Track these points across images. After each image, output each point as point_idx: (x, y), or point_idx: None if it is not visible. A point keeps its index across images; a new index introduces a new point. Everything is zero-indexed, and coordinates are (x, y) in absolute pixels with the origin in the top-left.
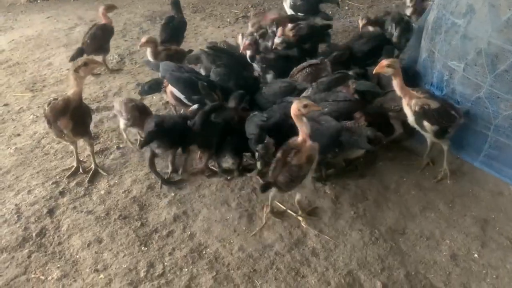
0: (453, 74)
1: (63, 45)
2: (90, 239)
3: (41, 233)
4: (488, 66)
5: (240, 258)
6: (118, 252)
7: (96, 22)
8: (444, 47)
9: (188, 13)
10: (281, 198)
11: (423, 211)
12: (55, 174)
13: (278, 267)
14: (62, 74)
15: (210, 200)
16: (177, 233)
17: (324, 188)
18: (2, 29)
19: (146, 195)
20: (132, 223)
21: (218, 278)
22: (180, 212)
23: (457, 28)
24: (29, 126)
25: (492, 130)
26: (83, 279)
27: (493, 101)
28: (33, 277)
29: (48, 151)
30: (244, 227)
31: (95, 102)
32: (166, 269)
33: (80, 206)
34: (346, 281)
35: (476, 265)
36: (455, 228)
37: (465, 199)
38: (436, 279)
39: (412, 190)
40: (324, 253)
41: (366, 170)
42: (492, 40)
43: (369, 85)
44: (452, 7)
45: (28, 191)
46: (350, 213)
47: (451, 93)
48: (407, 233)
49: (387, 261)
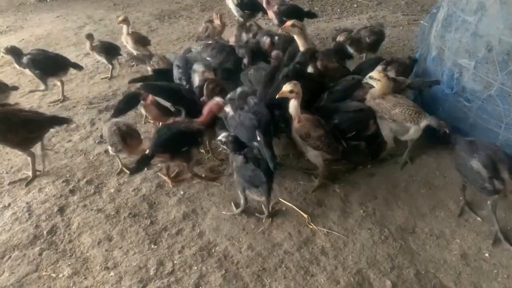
0: (464, 72)
1: (73, 44)
2: (100, 237)
3: (52, 231)
4: (499, 64)
5: (249, 257)
6: (128, 250)
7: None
8: (454, 44)
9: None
10: (289, 196)
11: (433, 210)
12: (65, 172)
13: (287, 265)
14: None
15: (219, 198)
16: (186, 231)
17: (333, 187)
18: (13, 29)
19: (155, 193)
20: (142, 221)
21: (227, 277)
22: (189, 210)
23: (467, 26)
24: None
25: (503, 128)
26: (94, 276)
27: (504, 99)
28: (44, 275)
29: (58, 150)
30: (253, 225)
31: (104, 100)
32: (175, 267)
33: (90, 204)
34: (356, 280)
35: (487, 265)
36: (466, 227)
37: (476, 198)
38: (446, 279)
39: (421, 189)
40: (333, 251)
41: (375, 169)
42: (503, 37)
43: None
44: (462, 4)
45: (39, 189)
46: (359, 212)
47: (462, 91)
48: (417, 232)
49: (397, 260)
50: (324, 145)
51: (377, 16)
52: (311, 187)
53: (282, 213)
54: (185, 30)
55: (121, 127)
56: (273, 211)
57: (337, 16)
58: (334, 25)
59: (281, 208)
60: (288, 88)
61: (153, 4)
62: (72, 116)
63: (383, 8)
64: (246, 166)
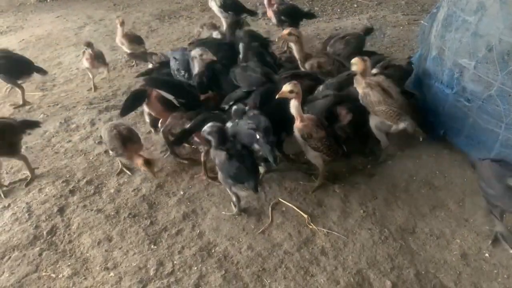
0: (464, 72)
1: (73, 44)
2: (100, 237)
3: (51, 231)
4: (500, 64)
5: (249, 257)
6: (128, 250)
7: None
8: (454, 44)
9: (197, 11)
10: (289, 196)
11: (433, 210)
12: (65, 172)
13: (287, 266)
14: (72, 73)
15: (219, 198)
16: (186, 231)
17: (333, 187)
18: (13, 29)
19: (155, 194)
20: (142, 222)
21: (227, 277)
22: (189, 210)
23: (467, 25)
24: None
25: (503, 128)
26: (93, 277)
27: (504, 99)
28: (44, 275)
29: (58, 150)
30: (253, 225)
31: (105, 101)
32: (175, 268)
33: (90, 204)
34: (356, 280)
35: (487, 265)
36: (466, 227)
37: (476, 198)
38: (447, 279)
39: (421, 188)
40: (333, 252)
41: (375, 169)
42: (503, 37)
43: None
44: (462, 4)
45: (38, 189)
46: (359, 212)
47: (462, 91)
48: (417, 232)
49: (397, 260)
50: (324, 147)
51: (377, 16)
52: (311, 187)
53: (282, 213)
54: (185, 30)
55: (121, 131)
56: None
57: (337, 16)
58: (334, 25)
59: (281, 208)
60: (288, 88)
61: (153, 4)
62: (72, 116)
63: (383, 8)
64: (230, 163)
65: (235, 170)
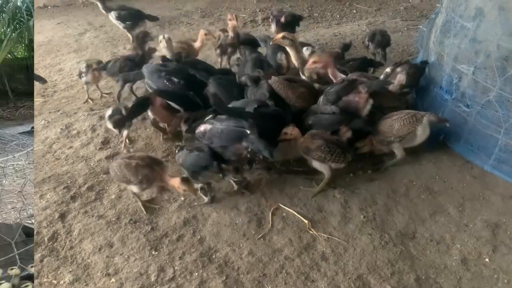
0: (463, 78)
1: (74, 50)
2: (101, 243)
3: (53, 237)
4: (498, 69)
5: (249, 263)
6: (129, 256)
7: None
8: (453, 50)
9: (197, 17)
10: (289, 201)
11: (433, 215)
12: (66, 179)
13: (287, 271)
14: (73, 79)
15: (219, 204)
16: (187, 237)
17: (333, 192)
18: None
19: (156, 200)
20: (143, 228)
21: (228, 283)
22: (189, 216)
23: (466, 32)
24: (40, 132)
25: (502, 134)
26: (95, 283)
27: (503, 104)
28: (45, 281)
29: (59, 156)
30: (253, 231)
31: (105, 106)
32: (176, 273)
33: (91, 210)
34: (356, 285)
35: (487, 270)
36: (466, 232)
37: (476, 203)
38: (447, 284)
39: (421, 194)
40: (334, 257)
41: (375, 174)
42: (501, 43)
43: (381, 82)
44: (461, 10)
45: (40, 195)
46: (359, 217)
47: (461, 96)
48: (417, 237)
49: (397, 265)
50: (326, 154)
51: (376, 22)
52: (311, 192)
53: (282, 218)
54: (185, 36)
55: (141, 159)
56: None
57: (336, 22)
58: (334, 31)
59: (282, 214)
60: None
61: (154, 11)
62: (73, 122)
63: (382, 13)
64: (190, 155)
65: (195, 158)
